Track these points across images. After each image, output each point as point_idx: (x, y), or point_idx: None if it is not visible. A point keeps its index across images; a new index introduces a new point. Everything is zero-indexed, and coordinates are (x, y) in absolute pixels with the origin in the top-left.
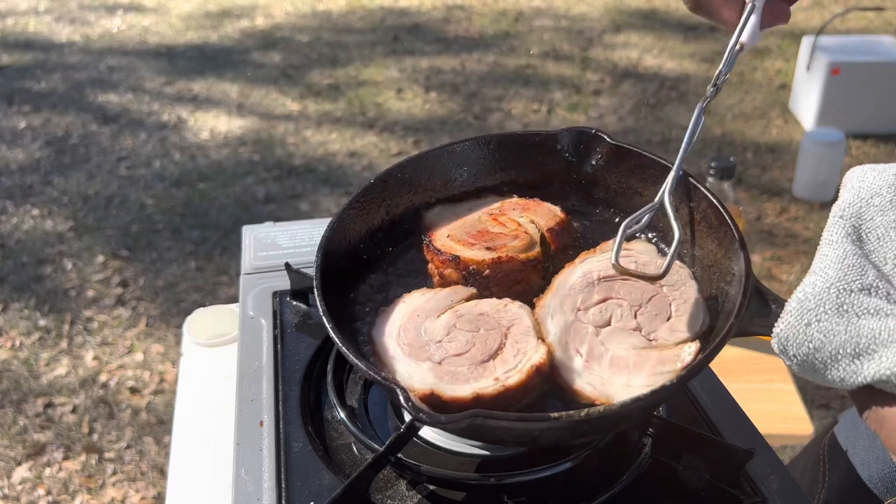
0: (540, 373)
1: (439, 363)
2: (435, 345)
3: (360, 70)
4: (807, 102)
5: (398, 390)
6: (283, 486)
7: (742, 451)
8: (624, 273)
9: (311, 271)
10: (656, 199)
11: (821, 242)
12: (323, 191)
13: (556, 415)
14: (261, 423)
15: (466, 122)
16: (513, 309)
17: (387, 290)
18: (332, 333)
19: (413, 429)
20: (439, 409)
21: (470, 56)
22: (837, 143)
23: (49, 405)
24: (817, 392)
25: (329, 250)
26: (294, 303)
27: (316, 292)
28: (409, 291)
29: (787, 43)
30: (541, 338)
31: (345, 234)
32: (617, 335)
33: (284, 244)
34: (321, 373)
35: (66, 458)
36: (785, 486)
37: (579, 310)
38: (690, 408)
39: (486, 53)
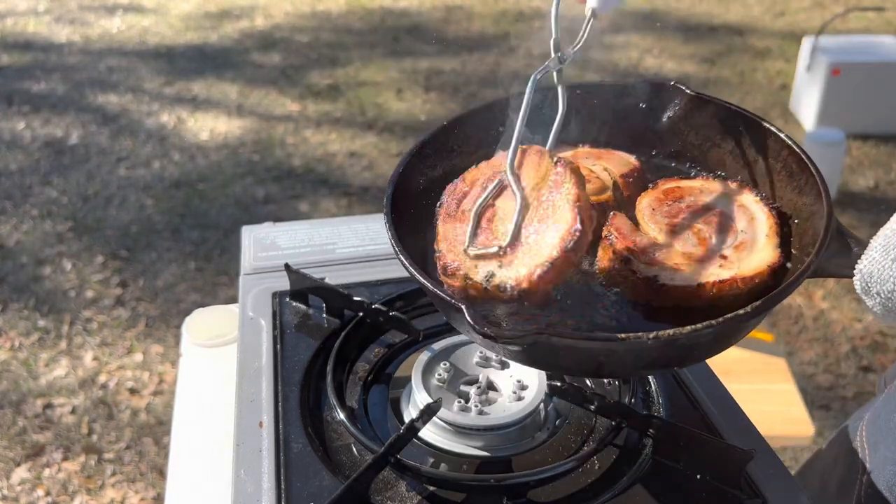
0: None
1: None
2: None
3: (359, 70)
4: (807, 103)
5: (463, 306)
6: (283, 487)
7: (742, 451)
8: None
9: (311, 272)
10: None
11: None
12: (322, 191)
13: (623, 336)
14: (260, 424)
15: None
16: None
17: None
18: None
19: (413, 429)
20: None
21: (470, 56)
22: (838, 144)
23: (48, 406)
24: (817, 393)
25: (398, 184)
26: (294, 303)
27: (385, 219)
28: None
29: (787, 43)
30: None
31: (410, 174)
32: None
33: (284, 245)
34: (321, 374)
35: (65, 458)
36: (785, 487)
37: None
38: (690, 408)
39: (486, 54)
